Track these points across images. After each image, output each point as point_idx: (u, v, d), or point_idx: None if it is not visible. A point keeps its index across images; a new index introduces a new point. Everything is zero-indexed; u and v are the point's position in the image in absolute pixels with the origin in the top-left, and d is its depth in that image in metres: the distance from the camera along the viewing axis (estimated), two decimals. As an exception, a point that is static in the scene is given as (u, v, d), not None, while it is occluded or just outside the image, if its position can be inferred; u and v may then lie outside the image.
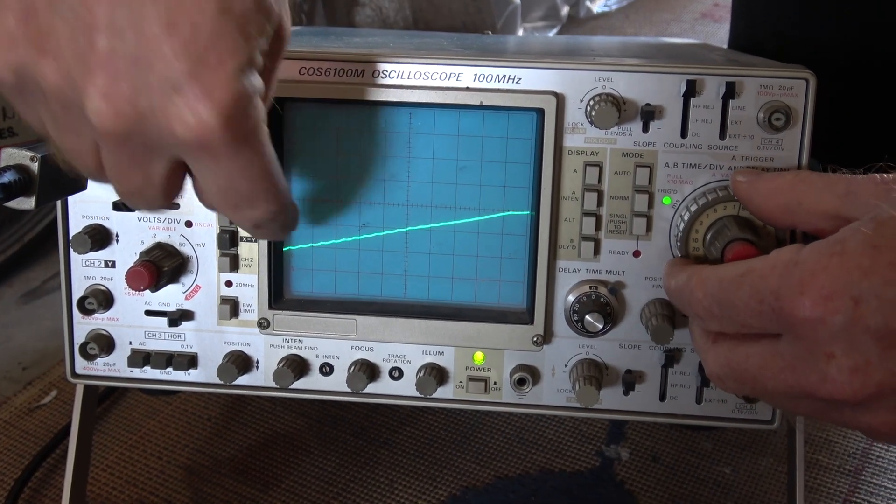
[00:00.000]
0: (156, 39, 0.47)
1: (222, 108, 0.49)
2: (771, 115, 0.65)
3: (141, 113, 0.49)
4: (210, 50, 0.48)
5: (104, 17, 0.47)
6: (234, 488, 0.90)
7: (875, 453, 0.95)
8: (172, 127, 0.49)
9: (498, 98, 0.66)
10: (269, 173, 0.55)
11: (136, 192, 0.55)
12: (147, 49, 0.48)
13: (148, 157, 0.53)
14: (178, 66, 0.48)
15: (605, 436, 0.97)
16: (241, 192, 0.55)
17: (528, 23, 2.24)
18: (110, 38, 0.48)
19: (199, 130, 0.49)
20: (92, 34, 0.48)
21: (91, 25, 0.48)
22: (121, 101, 0.49)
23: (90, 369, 0.75)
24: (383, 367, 0.73)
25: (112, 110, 0.49)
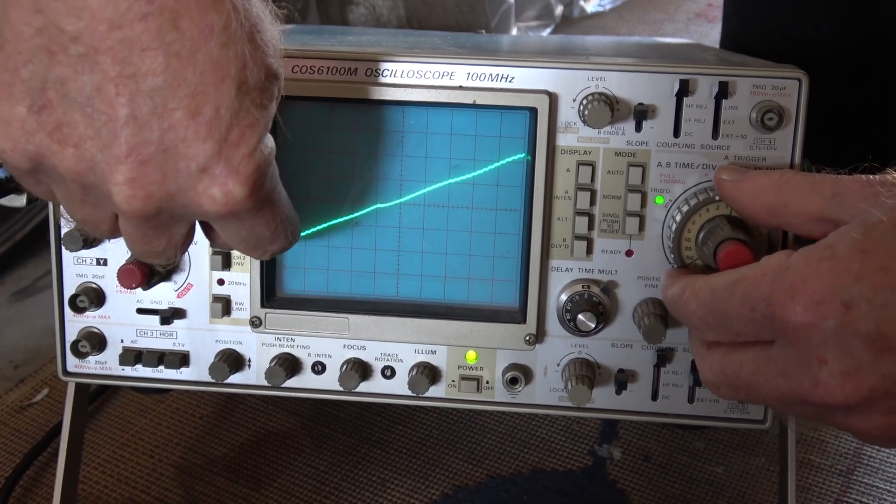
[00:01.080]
0: (180, 126, 0.48)
1: (248, 181, 0.50)
2: (763, 115, 0.65)
3: (169, 194, 0.50)
4: (233, 129, 0.49)
5: (126, 110, 0.48)
6: (226, 487, 0.90)
7: (867, 453, 0.95)
8: (201, 204, 0.51)
9: (491, 97, 0.66)
10: (286, 216, 0.57)
11: (156, 254, 0.56)
12: (172, 136, 0.48)
13: (171, 226, 0.54)
14: (204, 149, 0.49)
15: (598, 435, 0.97)
16: (262, 238, 0.57)
17: (521, 22, 2.24)
18: (135, 130, 0.48)
19: (227, 204, 0.51)
20: (115, 127, 0.48)
21: (113, 118, 0.48)
22: (149, 187, 0.50)
23: (82, 367, 0.75)
24: (375, 366, 0.73)
25: (141, 195, 0.50)
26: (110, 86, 0.47)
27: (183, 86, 0.48)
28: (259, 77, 0.50)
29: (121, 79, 0.47)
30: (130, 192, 0.49)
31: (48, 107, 0.49)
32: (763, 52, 0.83)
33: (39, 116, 0.49)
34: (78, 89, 0.48)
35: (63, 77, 0.48)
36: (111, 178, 0.49)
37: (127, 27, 0.47)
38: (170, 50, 0.47)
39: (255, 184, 0.51)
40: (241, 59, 0.49)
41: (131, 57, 0.47)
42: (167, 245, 0.56)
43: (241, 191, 0.50)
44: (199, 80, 0.48)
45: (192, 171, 0.49)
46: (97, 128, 0.49)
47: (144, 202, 0.50)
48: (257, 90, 0.50)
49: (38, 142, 0.50)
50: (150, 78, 0.47)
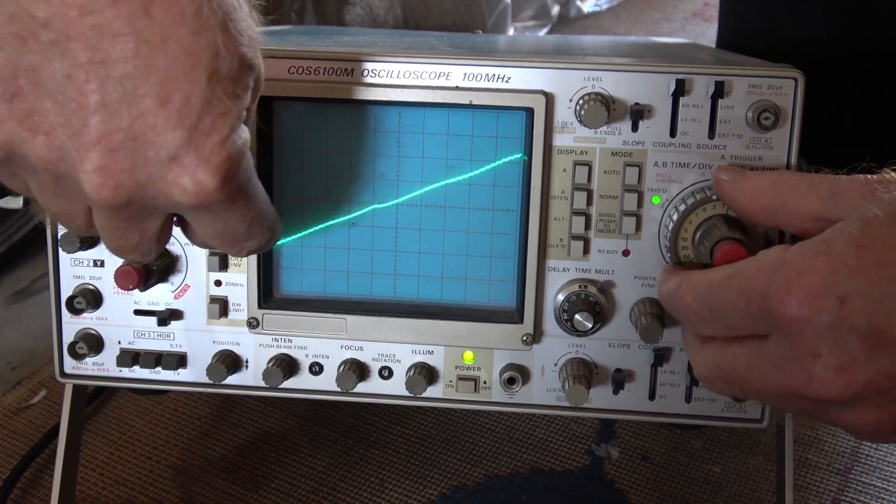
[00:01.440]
0: (150, 114, 0.48)
1: (218, 170, 0.50)
2: (760, 115, 0.65)
3: (139, 183, 0.50)
4: (203, 117, 0.49)
5: (96, 97, 0.47)
6: (224, 488, 0.90)
7: (864, 452, 0.95)
8: (171, 193, 0.50)
9: (487, 97, 0.66)
10: (261, 211, 0.56)
11: (130, 248, 0.56)
12: (142, 123, 0.48)
13: (143, 218, 0.54)
14: (174, 137, 0.48)
15: (595, 435, 0.97)
16: (237, 233, 0.56)
17: (518, 22, 2.24)
18: (104, 117, 0.48)
19: (198, 194, 0.50)
20: (85, 114, 0.48)
21: (83, 105, 0.48)
22: (119, 175, 0.49)
23: (79, 369, 0.75)
24: (373, 367, 0.73)
25: (110, 184, 0.49)
26: (80, 72, 0.47)
27: (153, 73, 0.47)
28: (232, 66, 0.49)
29: (91, 65, 0.47)
30: (100, 180, 0.49)
31: (19, 94, 0.49)
32: (759, 52, 0.83)
33: (11, 104, 0.49)
34: (49, 76, 0.48)
35: (34, 64, 0.48)
36: (81, 167, 0.49)
37: (98, 13, 0.46)
38: (140, 36, 0.47)
39: (226, 174, 0.50)
40: (213, 47, 0.48)
41: (102, 43, 0.47)
42: (141, 239, 0.55)
43: (211, 181, 0.50)
44: (170, 67, 0.47)
45: (161, 160, 0.49)
46: (67, 115, 0.48)
47: (114, 191, 0.49)
48: (230, 79, 0.49)
49: (10, 130, 0.50)
50: (121, 64, 0.47)
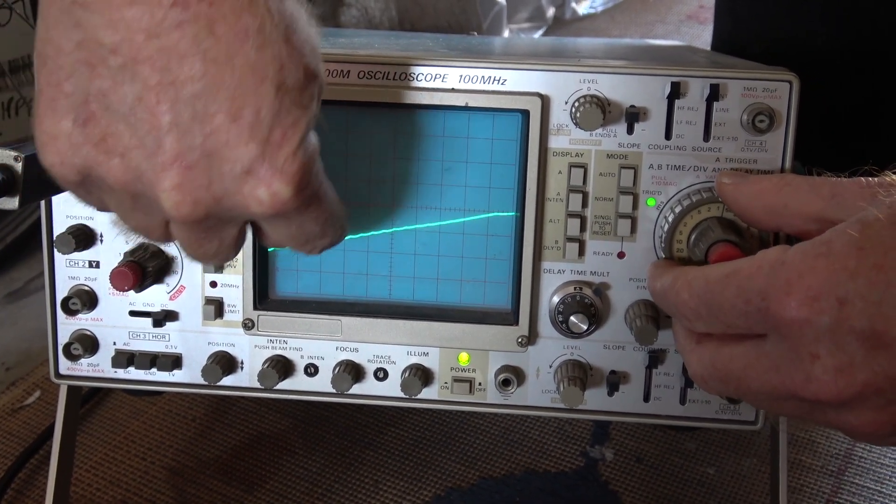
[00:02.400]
0: (222, 130, 0.48)
1: (292, 180, 0.50)
2: (755, 117, 0.65)
3: (216, 198, 0.50)
4: (274, 129, 0.49)
5: (168, 118, 0.48)
6: (219, 489, 0.90)
7: (858, 454, 0.95)
8: (248, 205, 0.51)
9: (483, 99, 0.66)
10: (333, 211, 0.57)
11: (209, 256, 0.57)
12: (215, 140, 0.49)
13: (221, 228, 0.54)
14: (248, 151, 0.49)
15: (590, 436, 0.97)
16: (311, 234, 0.57)
17: (513, 24, 2.25)
18: (178, 136, 0.48)
19: (274, 205, 0.51)
20: (159, 134, 0.48)
21: (156, 127, 0.48)
22: (196, 191, 0.50)
23: (74, 370, 0.75)
24: (368, 368, 0.73)
25: (188, 200, 0.50)
26: (151, 95, 0.48)
27: (222, 90, 0.48)
28: (298, 77, 0.50)
29: (161, 87, 0.47)
30: (178, 197, 0.50)
31: (92, 119, 0.50)
32: (754, 54, 0.83)
33: (84, 129, 0.50)
34: (120, 100, 0.48)
35: (104, 89, 0.49)
36: (158, 185, 0.50)
37: (164, 36, 0.47)
38: (207, 56, 0.47)
39: (300, 182, 0.51)
40: (278, 60, 0.49)
41: (170, 65, 0.47)
42: (220, 247, 0.56)
43: (286, 190, 0.50)
44: (238, 83, 0.48)
45: (237, 174, 0.49)
46: (141, 137, 0.49)
47: (193, 207, 0.50)
48: (296, 90, 0.50)
49: (85, 154, 0.50)
50: (190, 84, 0.47)
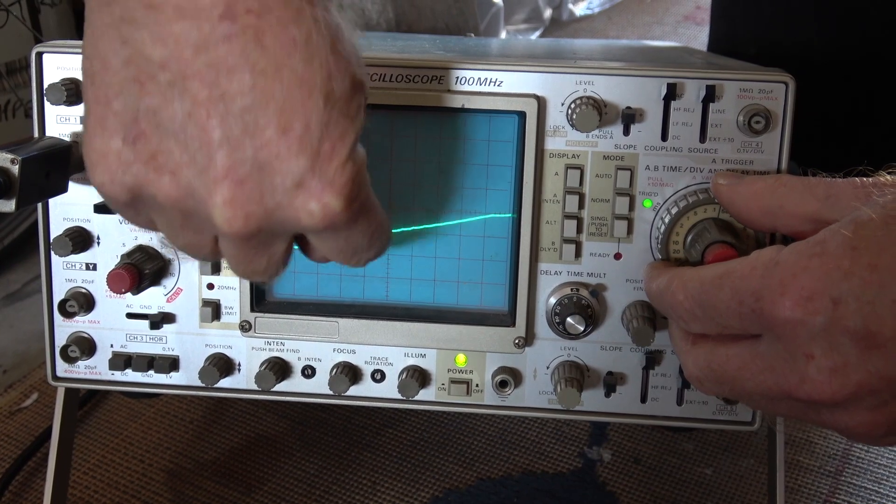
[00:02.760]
0: (273, 143, 0.48)
1: (343, 192, 0.50)
2: (751, 119, 0.65)
3: (267, 211, 0.50)
4: (324, 141, 0.49)
5: (218, 132, 0.48)
6: (217, 491, 0.90)
7: (855, 454, 0.95)
8: (300, 219, 0.50)
9: (479, 101, 0.66)
10: (380, 221, 0.57)
11: (258, 273, 0.56)
12: (266, 153, 0.48)
13: (270, 244, 0.54)
14: (298, 164, 0.49)
15: (587, 437, 0.97)
16: (357, 246, 0.56)
17: (510, 25, 2.25)
18: (229, 151, 0.48)
19: (325, 217, 0.50)
20: (210, 150, 0.48)
21: (207, 142, 0.48)
22: (248, 205, 0.49)
23: (71, 372, 0.75)
24: (365, 370, 0.73)
25: (241, 215, 0.50)
26: (201, 110, 0.47)
27: (272, 103, 0.48)
28: (345, 87, 0.50)
29: (210, 102, 0.47)
30: (230, 212, 0.49)
31: (142, 137, 0.50)
32: (750, 56, 0.84)
33: (135, 147, 0.50)
34: (170, 117, 0.48)
35: (154, 106, 0.49)
36: (210, 201, 0.49)
37: (212, 50, 0.47)
38: (255, 69, 0.47)
39: (350, 194, 0.51)
40: (325, 70, 0.49)
41: (219, 79, 0.47)
42: (269, 263, 0.55)
43: (337, 203, 0.50)
44: (287, 95, 0.48)
45: (287, 187, 0.49)
46: (192, 153, 0.49)
47: (245, 222, 0.50)
48: (344, 100, 0.50)
49: (135, 172, 0.50)
50: (240, 98, 0.47)
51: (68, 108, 0.69)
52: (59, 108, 0.69)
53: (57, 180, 0.67)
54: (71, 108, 0.69)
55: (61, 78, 0.69)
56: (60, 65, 0.69)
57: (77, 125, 0.69)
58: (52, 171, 0.66)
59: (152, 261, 0.71)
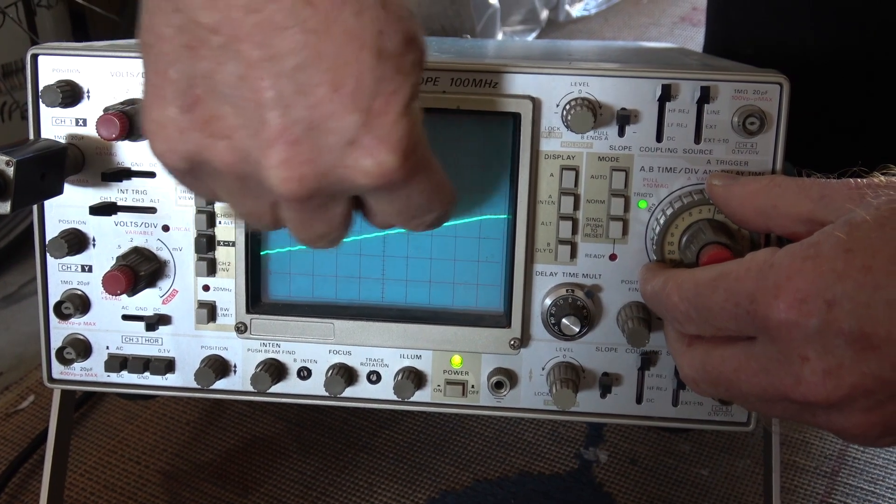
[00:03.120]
0: (325, 101, 0.48)
1: (397, 148, 0.49)
2: (745, 120, 0.65)
3: (323, 172, 0.49)
4: (376, 97, 0.48)
5: (271, 93, 0.47)
6: (213, 493, 0.90)
7: (851, 455, 0.95)
8: (355, 178, 0.50)
9: (474, 102, 0.67)
10: (440, 180, 0.56)
11: (319, 237, 0.56)
12: (318, 112, 0.48)
13: (329, 206, 0.53)
14: (351, 121, 0.48)
15: (584, 438, 0.97)
16: (418, 207, 0.56)
17: (507, 26, 2.25)
18: (281, 112, 0.48)
19: (381, 175, 0.50)
20: (262, 112, 0.48)
21: (259, 103, 0.48)
22: (302, 167, 0.49)
23: (67, 374, 0.75)
24: (361, 371, 0.73)
25: (296, 176, 0.49)
26: (253, 71, 0.47)
27: (323, 60, 0.47)
28: (397, 42, 0.49)
29: (262, 62, 0.47)
30: (285, 173, 0.49)
31: (198, 103, 0.49)
32: (746, 57, 0.84)
33: (191, 114, 0.49)
34: (223, 80, 0.48)
35: (208, 70, 0.48)
36: (265, 163, 0.49)
37: (261, 9, 0.46)
38: (305, 26, 0.47)
39: (405, 150, 0.50)
40: (376, 25, 0.48)
41: (269, 39, 0.47)
42: (329, 227, 0.55)
43: (392, 160, 0.49)
44: (338, 52, 0.47)
45: (341, 145, 0.49)
46: (246, 116, 0.48)
47: (300, 183, 0.49)
48: (396, 56, 0.49)
49: (192, 139, 0.50)
50: (291, 57, 0.47)
51: (63, 109, 0.69)
52: (54, 110, 0.69)
53: (52, 182, 0.67)
54: (66, 110, 0.69)
55: (56, 80, 0.69)
56: (56, 66, 0.69)
57: (72, 127, 0.69)
58: (47, 173, 0.66)
59: (148, 262, 0.71)
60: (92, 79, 0.69)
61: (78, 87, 0.69)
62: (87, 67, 0.69)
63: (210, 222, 0.70)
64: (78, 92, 0.69)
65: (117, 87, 0.69)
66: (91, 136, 0.69)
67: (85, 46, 0.70)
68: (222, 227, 0.71)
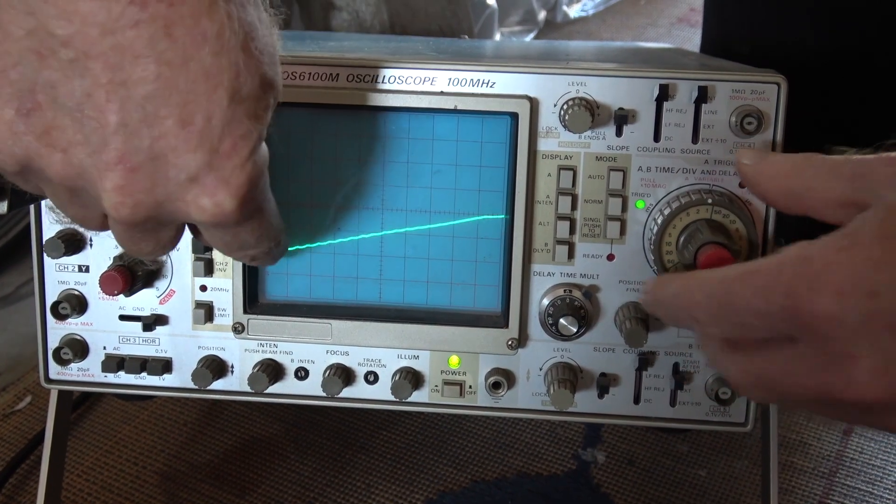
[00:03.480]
0: (171, 135, 0.48)
1: (237, 193, 0.50)
2: (743, 119, 0.65)
3: (157, 202, 0.50)
4: (224, 139, 0.49)
5: (116, 117, 0.47)
6: (211, 493, 0.90)
7: (849, 455, 0.95)
8: (189, 212, 0.50)
9: (472, 102, 0.67)
10: (272, 224, 0.57)
11: (144, 253, 0.57)
12: (163, 144, 0.48)
13: (159, 229, 0.54)
14: (195, 159, 0.48)
15: (582, 439, 0.97)
16: (246, 243, 0.57)
17: (505, 27, 2.25)
18: (125, 138, 0.48)
19: (216, 215, 0.50)
20: (105, 133, 0.47)
21: (103, 125, 0.47)
22: (138, 194, 0.49)
23: (64, 374, 0.75)
24: (358, 372, 0.73)
25: (129, 203, 0.49)
26: (101, 92, 0.47)
27: (174, 94, 0.47)
28: (253, 86, 0.49)
29: (112, 85, 0.47)
30: (119, 199, 0.49)
31: (37, 110, 0.49)
32: (743, 56, 0.84)
33: (28, 119, 0.49)
34: (68, 94, 0.48)
35: (53, 81, 0.48)
36: (100, 184, 0.49)
37: (119, 33, 0.46)
38: (162, 58, 0.47)
39: (245, 196, 0.50)
40: (234, 67, 0.48)
41: (123, 64, 0.46)
42: (155, 246, 0.56)
43: (230, 203, 0.50)
44: (191, 88, 0.47)
45: (181, 181, 0.49)
46: (87, 133, 0.48)
47: (133, 210, 0.50)
48: (251, 100, 0.49)
49: (26, 145, 0.49)
50: (142, 86, 0.47)
51: (60, 109, 0.69)
52: (51, 110, 0.69)
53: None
54: (63, 110, 0.69)
55: (53, 80, 0.68)
56: (52, 67, 0.69)
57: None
58: (43, 173, 0.66)
59: (144, 262, 0.71)
60: (89, 79, 0.69)
61: (75, 87, 0.69)
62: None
63: (207, 222, 0.70)
64: (75, 92, 0.69)
65: (114, 87, 0.69)
66: (88, 136, 0.69)
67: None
68: (219, 228, 0.70)
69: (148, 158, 0.48)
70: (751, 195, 0.67)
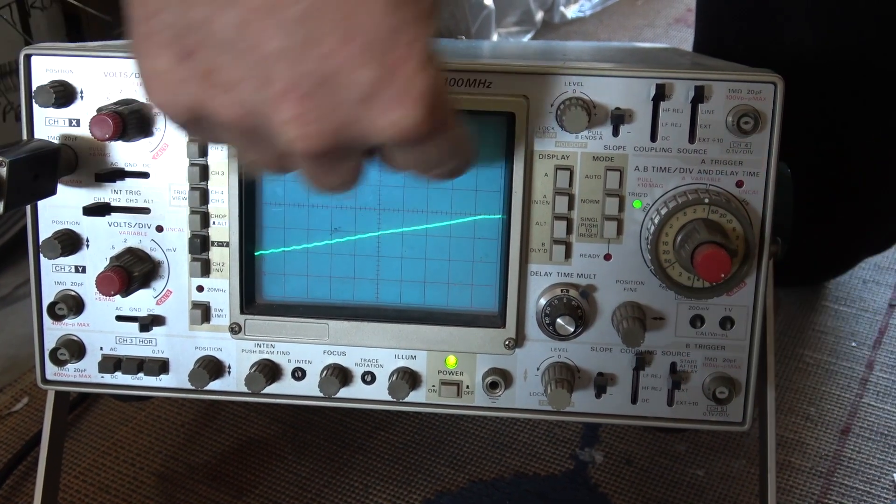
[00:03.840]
0: (335, 53, 0.44)
1: (420, 102, 0.46)
2: (739, 119, 0.65)
3: (338, 128, 0.46)
4: (392, 48, 0.45)
5: (276, 45, 0.44)
6: (208, 494, 0.90)
7: (847, 455, 0.95)
8: (373, 134, 0.47)
9: (469, 102, 0.66)
10: (462, 135, 0.53)
11: (333, 188, 0.53)
12: (329, 64, 0.45)
13: (345, 158, 0.50)
14: (365, 74, 0.45)
15: (579, 439, 0.97)
16: (438, 159, 0.52)
17: (502, 28, 2.25)
18: (289, 65, 0.45)
19: (402, 131, 0.47)
20: (267, 65, 0.45)
21: (264, 56, 0.45)
22: (315, 123, 0.46)
23: (61, 375, 0.75)
24: (356, 372, 0.73)
25: (308, 133, 0.46)
26: (254, 19, 0.44)
27: (329, 9, 0.44)
28: None
29: (264, 9, 0.44)
30: (298, 130, 0.46)
31: (193, 53, 0.46)
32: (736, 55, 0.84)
33: (186, 64, 0.46)
34: (221, 29, 0.45)
35: (203, 18, 0.45)
36: (276, 118, 0.46)
37: None
38: None
39: (429, 104, 0.46)
40: None
41: None
42: (343, 178, 0.52)
43: (413, 115, 0.46)
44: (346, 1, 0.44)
45: (357, 100, 0.45)
46: (249, 67, 0.45)
47: (315, 139, 0.46)
48: (411, 3, 0.45)
49: (190, 91, 0.47)
50: (294, 5, 0.44)
51: (57, 110, 0.69)
52: (47, 111, 0.69)
53: (45, 182, 0.67)
54: (59, 111, 0.69)
55: (50, 80, 0.68)
56: (49, 67, 0.69)
57: (65, 127, 0.69)
58: (40, 174, 0.66)
59: (141, 263, 0.71)
60: (85, 79, 0.69)
61: (71, 87, 0.69)
62: (81, 68, 0.69)
63: (204, 223, 0.70)
64: (71, 92, 0.69)
65: (110, 88, 0.69)
66: (84, 136, 0.69)
67: (78, 47, 0.70)
68: (216, 228, 0.70)
69: (318, 82, 0.45)
70: (748, 194, 0.67)
